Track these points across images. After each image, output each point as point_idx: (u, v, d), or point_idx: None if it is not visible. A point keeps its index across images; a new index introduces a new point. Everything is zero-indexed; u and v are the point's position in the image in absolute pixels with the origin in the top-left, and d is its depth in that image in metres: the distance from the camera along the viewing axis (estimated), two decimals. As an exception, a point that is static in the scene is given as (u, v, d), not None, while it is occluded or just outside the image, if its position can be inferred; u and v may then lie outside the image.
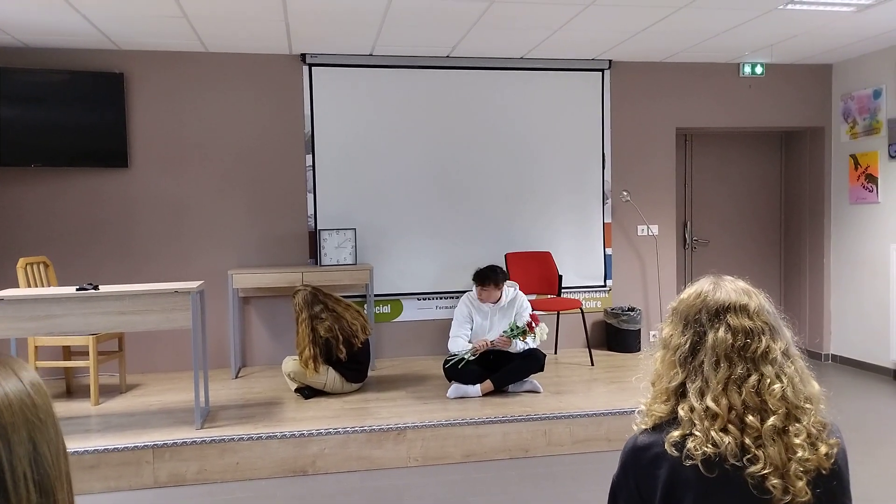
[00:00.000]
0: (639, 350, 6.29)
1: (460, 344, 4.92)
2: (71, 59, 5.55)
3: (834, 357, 6.71)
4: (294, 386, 4.94)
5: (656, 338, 1.53)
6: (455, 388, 4.85)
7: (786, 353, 1.40)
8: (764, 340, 1.38)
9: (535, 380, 4.98)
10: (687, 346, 1.42)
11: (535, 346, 4.92)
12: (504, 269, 5.19)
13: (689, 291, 1.49)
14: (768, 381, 1.35)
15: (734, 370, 1.37)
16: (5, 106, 5.35)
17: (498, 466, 4.21)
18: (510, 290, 5.15)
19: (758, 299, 1.45)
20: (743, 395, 1.35)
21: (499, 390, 4.88)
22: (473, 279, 5.07)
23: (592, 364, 5.82)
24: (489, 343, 4.85)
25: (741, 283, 1.48)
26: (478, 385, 4.83)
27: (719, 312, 1.42)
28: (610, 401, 4.72)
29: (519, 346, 4.86)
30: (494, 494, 3.83)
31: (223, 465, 4.04)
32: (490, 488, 3.90)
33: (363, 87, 6.04)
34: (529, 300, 5.84)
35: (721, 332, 1.39)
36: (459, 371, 4.84)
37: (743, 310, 1.41)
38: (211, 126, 5.85)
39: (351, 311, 5.03)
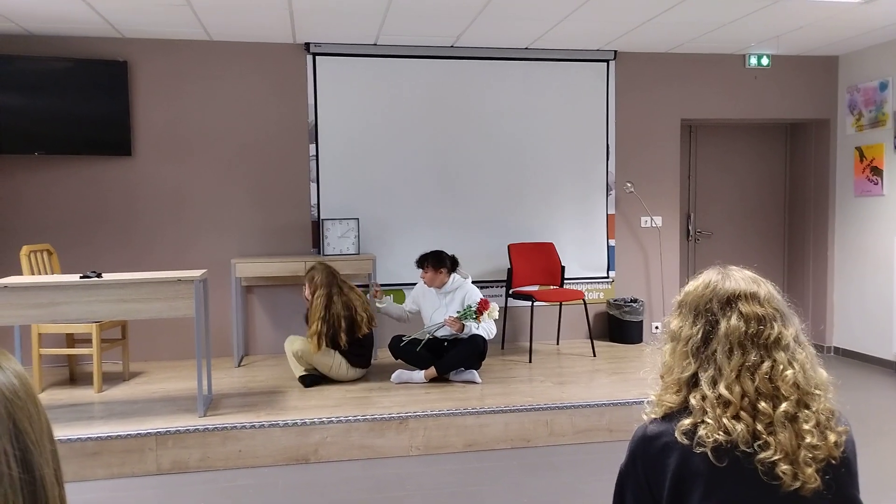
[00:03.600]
0: (641, 341, 6.30)
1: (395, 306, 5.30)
2: (74, 47, 5.54)
3: (836, 349, 6.70)
4: (299, 371, 4.94)
5: (662, 332, 1.53)
6: (399, 374, 4.98)
7: (797, 340, 1.41)
8: (776, 327, 1.39)
9: (475, 371, 5.02)
10: (699, 335, 1.42)
11: (483, 331, 4.95)
12: (451, 256, 5.24)
13: (696, 283, 1.50)
14: (781, 367, 1.36)
15: (747, 357, 1.37)
16: (8, 94, 5.35)
17: (499, 456, 4.22)
18: (458, 278, 5.22)
19: (766, 287, 1.46)
20: (756, 382, 1.35)
21: (441, 377, 4.97)
22: (415, 263, 5.26)
23: (594, 355, 5.82)
24: (377, 287, 5.08)
25: (748, 272, 1.49)
26: (422, 371, 4.95)
27: (730, 301, 1.43)
28: (612, 392, 4.73)
29: (473, 329, 4.94)
30: (496, 484, 3.84)
31: (226, 452, 4.06)
32: (491, 478, 3.92)
33: (367, 76, 6.03)
34: (531, 290, 5.88)
35: (734, 320, 1.40)
36: (407, 353, 4.99)
37: (753, 297, 1.42)
38: (214, 115, 5.84)
39: (361, 302, 5.04)
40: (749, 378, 1.36)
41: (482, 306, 4.91)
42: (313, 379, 4.92)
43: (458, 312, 4.97)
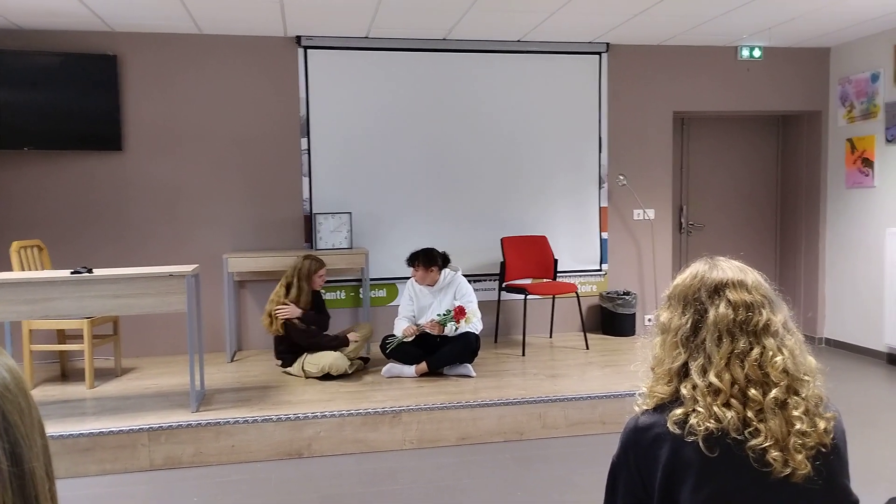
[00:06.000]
0: (634, 334, 6.31)
1: (402, 325, 5.08)
2: (64, 42, 5.50)
3: (828, 341, 6.73)
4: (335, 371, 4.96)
5: (653, 325, 1.54)
6: (389, 368, 5.00)
7: (785, 326, 1.42)
8: (765, 313, 1.40)
9: (469, 365, 5.02)
10: (688, 325, 1.43)
11: (468, 330, 4.96)
12: (443, 254, 5.24)
13: (684, 275, 1.51)
14: (770, 353, 1.37)
15: (736, 344, 1.38)
16: (-3, 88, 5.31)
17: (493, 449, 4.23)
18: (449, 273, 5.22)
19: (753, 275, 1.47)
20: (746, 369, 1.36)
21: (433, 372, 4.97)
22: (406, 261, 5.20)
23: (587, 348, 5.83)
24: (417, 329, 4.99)
25: (735, 262, 1.50)
26: (413, 366, 4.95)
27: (718, 289, 1.43)
28: (605, 384, 4.74)
29: (453, 330, 4.94)
30: (489, 477, 3.85)
31: (219, 447, 4.05)
32: (485, 471, 3.92)
33: (359, 69, 6.00)
34: (524, 284, 5.88)
35: (722, 308, 1.40)
36: (396, 352, 4.97)
37: (741, 285, 1.43)
38: (205, 109, 5.81)
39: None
40: (738, 365, 1.36)
41: (458, 315, 4.93)
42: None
43: (438, 316, 4.99)
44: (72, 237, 5.63)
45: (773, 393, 1.34)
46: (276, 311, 4.99)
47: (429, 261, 5.13)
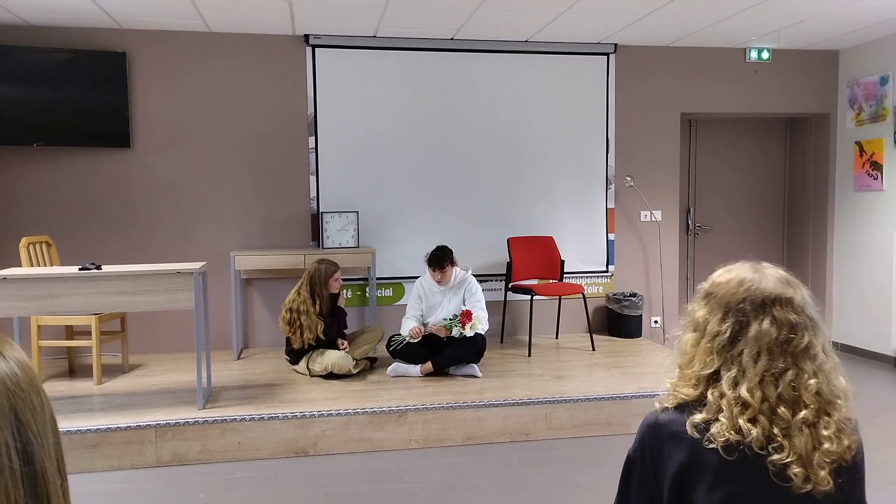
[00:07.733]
0: (640, 336, 6.31)
1: (410, 324, 5.07)
2: (73, 38, 5.52)
3: (835, 344, 6.67)
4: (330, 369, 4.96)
5: (686, 317, 1.50)
6: (395, 367, 5.00)
7: (824, 350, 1.39)
8: (807, 336, 1.37)
9: (475, 365, 5.02)
10: (727, 334, 1.39)
11: (471, 335, 4.94)
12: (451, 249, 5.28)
13: (729, 277, 1.45)
14: (806, 376, 1.34)
15: (774, 364, 1.35)
16: (7, 84, 5.33)
17: (498, 449, 4.23)
18: (460, 272, 5.22)
19: (801, 292, 1.43)
20: (780, 389, 1.33)
21: (438, 372, 4.97)
22: (428, 263, 5.14)
23: (594, 349, 5.83)
24: (424, 330, 4.99)
25: (782, 273, 1.45)
26: (418, 366, 4.95)
27: (765, 304, 1.39)
28: (610, 385, 4.73)
29: (458, 334, 4.94)
30: (494, 477, 3.85)
31: (225, 444, 4.06)
32: (490, 471, 3.92)
33: (366, 69, 6.01)
34: (531, 284, 5.88)
35: (766, 325, 1.37)
36: (402, 351, 4.97)
37: (788, 303, 1.39)
38: (213, 106, 5.83)
39: (311, 320, 4.97)
40: (772, 384, 1.33)
41: (464, 318, 4.93)
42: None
43: (444, 320, 5.00)
44: (80, 233, 5.65)
45: (803, 413, 1.31)
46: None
47: (451, 258, 5.13)
